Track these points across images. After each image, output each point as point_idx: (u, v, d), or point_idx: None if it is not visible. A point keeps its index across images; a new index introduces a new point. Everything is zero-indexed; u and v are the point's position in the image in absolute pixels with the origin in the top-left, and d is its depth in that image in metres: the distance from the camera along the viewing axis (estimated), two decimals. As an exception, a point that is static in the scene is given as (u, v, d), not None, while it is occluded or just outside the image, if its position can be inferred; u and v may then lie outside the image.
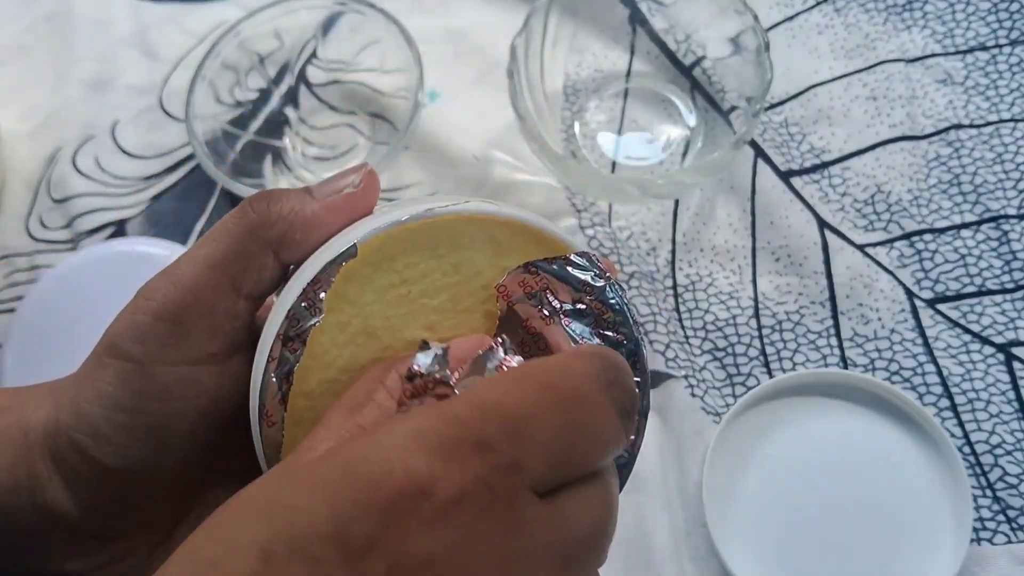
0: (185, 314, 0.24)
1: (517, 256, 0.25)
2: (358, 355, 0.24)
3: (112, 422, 0.24)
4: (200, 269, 0.24)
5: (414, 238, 0.24)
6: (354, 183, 0.26)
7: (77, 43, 0.57)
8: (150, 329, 0.24)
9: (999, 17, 0.52)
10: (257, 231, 0.24)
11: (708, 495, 0.41)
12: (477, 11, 0.56)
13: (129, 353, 0.24)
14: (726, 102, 0.49)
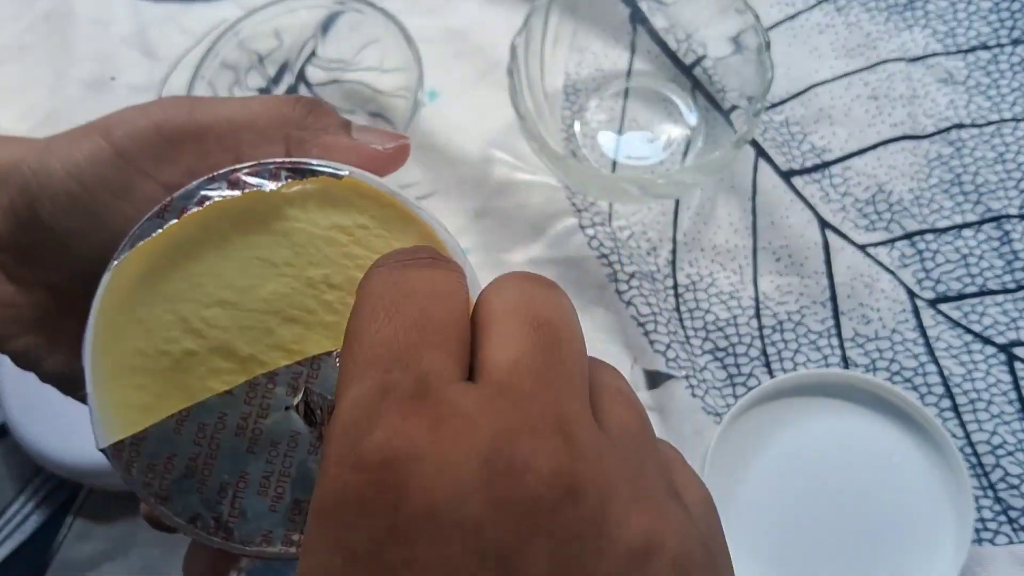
0: (182, 141, 0.24)
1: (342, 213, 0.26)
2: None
3: (65, 185, 0.24)
4: (220, 117, 0.25)
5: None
6: (385, 145, 0.27)
7: (76, 42, 0.57)
8: (145, 134, 0.24)
9: (1001, 16, 0.52)
10: (287, 123, 0.25)
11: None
12: (477, 10, 0.56)
13: (116, 141, 0.24)
14: (727, 101, 0.49)
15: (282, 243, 0.25)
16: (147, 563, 0.44)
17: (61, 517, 0.45)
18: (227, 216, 0.25)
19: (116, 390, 0.24)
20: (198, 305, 0.25)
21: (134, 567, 0.44)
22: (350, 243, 0.25)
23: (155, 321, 0.25)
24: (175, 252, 0.25)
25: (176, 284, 0.25)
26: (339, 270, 0.25)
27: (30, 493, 0.46)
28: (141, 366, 0.24)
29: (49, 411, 0.43)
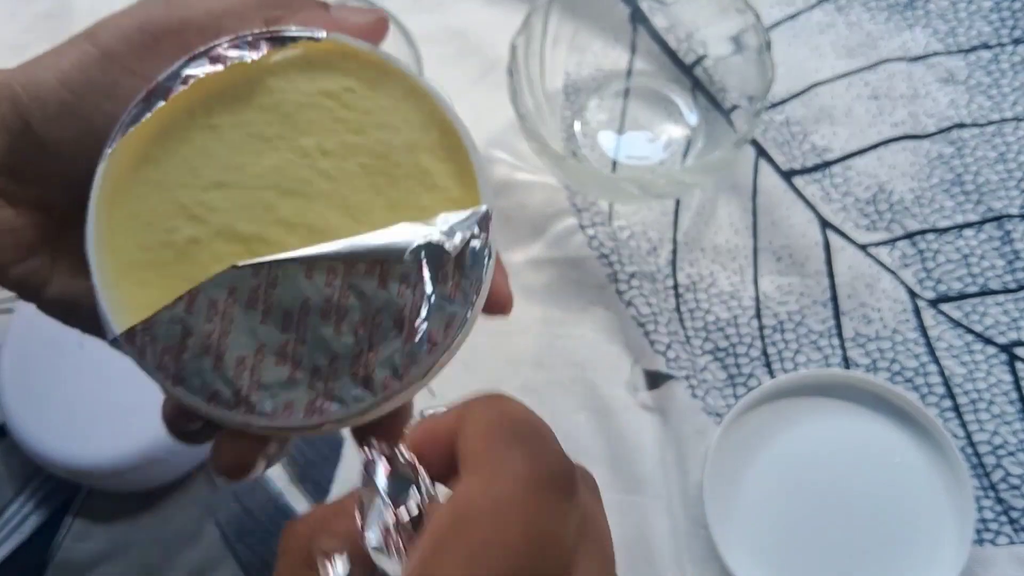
0: (164, 36, 0.25)
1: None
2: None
3: (56, 94, 0.24)
4: (198, 8, 0.26)
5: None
6: (364, 21, 0.27)
7: (76, 42, 0.57)
8: (128, 33, 0.25)
9: (1001, 16, 0.52)
10: (264, 5, 0.26)
11: (709, 496, 0.40)
12: (477, 10, 0.56)
13: (102, 43, 0.25)
14: (727, 101, 0.49)
15: (271, 116, 0.25)
16: (146, 563, 0.44)
17: (60, 517, 0.45)
18: (212, 93, 0.25)
19: (123, 286, 0.24)
20: (195, 189, 0.25)
21: (133, 567, 0.44)
22: (338, 107, 0.26)
23: (154, 212, 0.24)
24: (165, 136, 0.25)
25: (170, 170, 0.25)
26: (330, 135, 0.25)
27: (29, 493, 0.46)
28: (146, 260, 0.24)
29: (48, 411, 0.43)
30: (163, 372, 0.23)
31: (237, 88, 0.25)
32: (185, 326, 0.23)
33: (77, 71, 0.25)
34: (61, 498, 0.45)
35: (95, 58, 0.25)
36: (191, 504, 0.45)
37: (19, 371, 0.44)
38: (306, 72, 0.26)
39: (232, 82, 0.25)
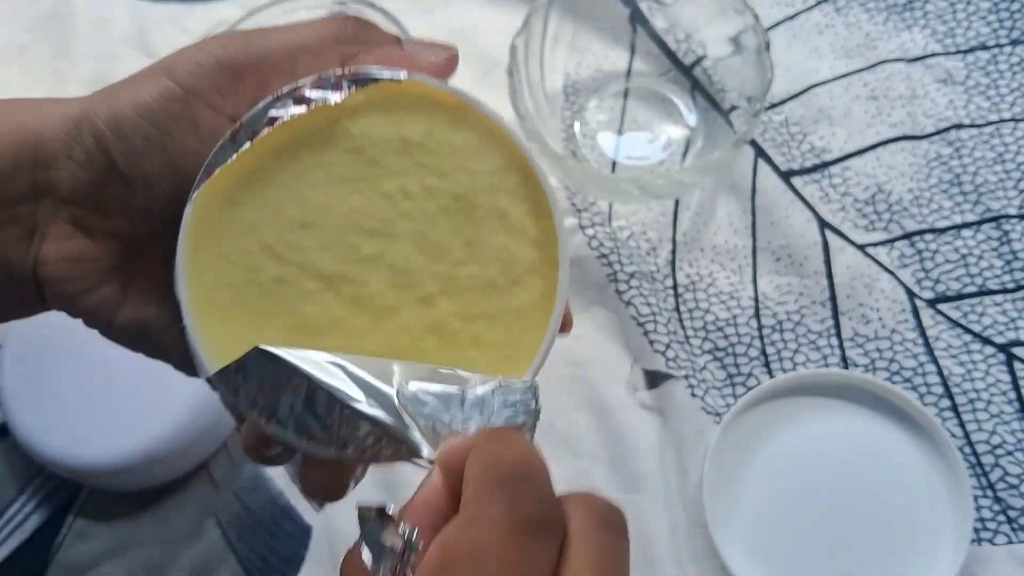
0: (243, 72, 0.25)
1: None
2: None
3: (139, 129, 0.25)
4: (274, 45, 0.26)
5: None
6: (438, 56, 0.28)
7: (76, 43, 0.57)
8: (207, 69, 0.25)
9: (1000, 17, 0.52)
10: (340, 40, 0.27)
11: (708, 495, 0.41)
12: (477, 10, 0.56)
13: (181, 79, 0.25)
14: (726, 102, 0.49)
15: (354, 158, 0.26)
16: (147, 563, 0.44)
17: (62, 517, 0.45)
18: (297, 135, 0.26)
19: (213, 325, 0.25)
20: (280, 230, 0.25)
21: (134, 567, 0.44)
22: (419, 151, 0.26)
23: (241, 252, 0.25)
24: (250, 178, 0.26)
25: (256, 211, 0.26)
26: (412, 178, 0.26)
27: (31, 493, 0.46)
28: (234, 299, 0.25)
29: (50, 411, 0.43)
30: (257, 409, 0.24)
31: (321, 130, 0.26)
32: (276, 365, 0.24)
33: (159, 106, 0.25)
34: (63, 497, 0.46)
35: (176, 94, 0.25)
36: (192, 503, 0.45)
37: (21, 371, 0.44)
38: (388, 114, 0.26)
39: (316, 124, 0.26)
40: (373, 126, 0.26)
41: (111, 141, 0.25)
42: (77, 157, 0.25)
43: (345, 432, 0.23)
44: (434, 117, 0.27)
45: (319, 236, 0.26)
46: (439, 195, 0.26)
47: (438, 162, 0.26)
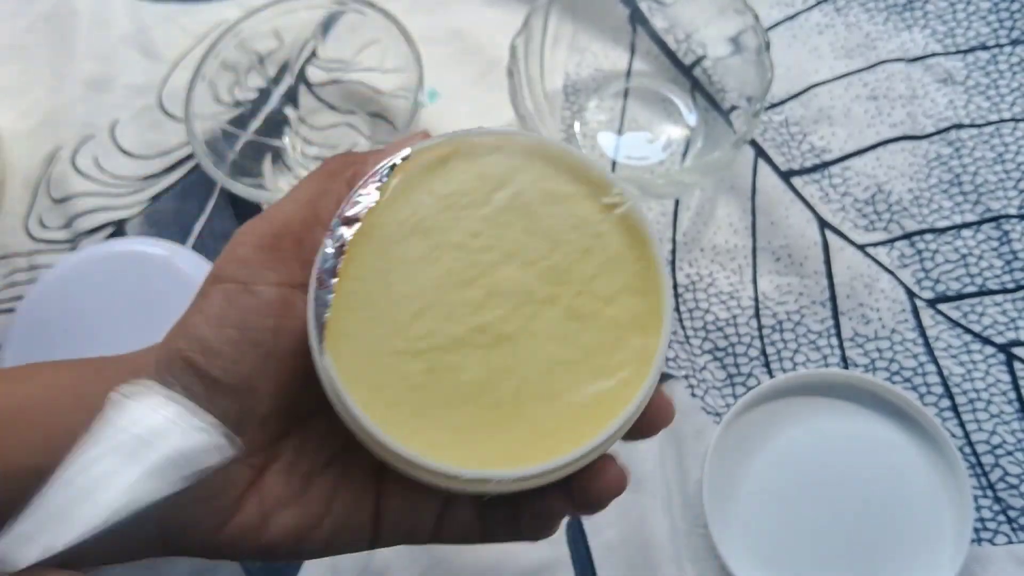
0: (279, 243, 0.27)
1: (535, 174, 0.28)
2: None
3: (221, 337, 0.25)
4: (290, 207, 0.28)
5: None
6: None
7: (76, 42, 0.57)
8: (251, 256, 0.26)
9: (1000, 16, 0.52)
10: (336, 173, 0.28)
11: (708, 495, 0.41)
12: (477, 10, 0.56)
13: (233, 276, 0.26)
14: (726, 102, 0.49)
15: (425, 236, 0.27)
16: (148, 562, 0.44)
17: (61, 517, 0.45)
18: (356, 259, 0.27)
19: (408, 441, 0.25)
20: (399, 330, 0.27)
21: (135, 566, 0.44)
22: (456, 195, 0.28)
23: (385, 372, 0.26)
24: (352, 303, 0.27)
25: (372, 327, 0.26)
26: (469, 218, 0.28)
27: (31, 493, 0.46)
28: (405, 412, 0.26)
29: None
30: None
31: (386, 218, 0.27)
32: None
33: (227, 308, 0.26)
34: (62, 497, 0.46)
35: (235, 290, 0.26)
36: (192, 503, 0.45)
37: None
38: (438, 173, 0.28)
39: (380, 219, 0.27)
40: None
41: (200, 360, 0.25)
42: (176, 389, 0.25)
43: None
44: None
45: (434, 313, 0.26)
46: (504, 213, 0.28)
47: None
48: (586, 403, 0.26)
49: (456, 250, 0.27)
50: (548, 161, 0.28)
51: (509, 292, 0.27)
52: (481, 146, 0.28)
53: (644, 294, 0.27)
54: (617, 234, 0.28)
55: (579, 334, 0.27)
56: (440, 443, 0.25)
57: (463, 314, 0.27)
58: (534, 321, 0.27)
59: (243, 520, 0.26)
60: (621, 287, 0.27)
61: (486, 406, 0.26)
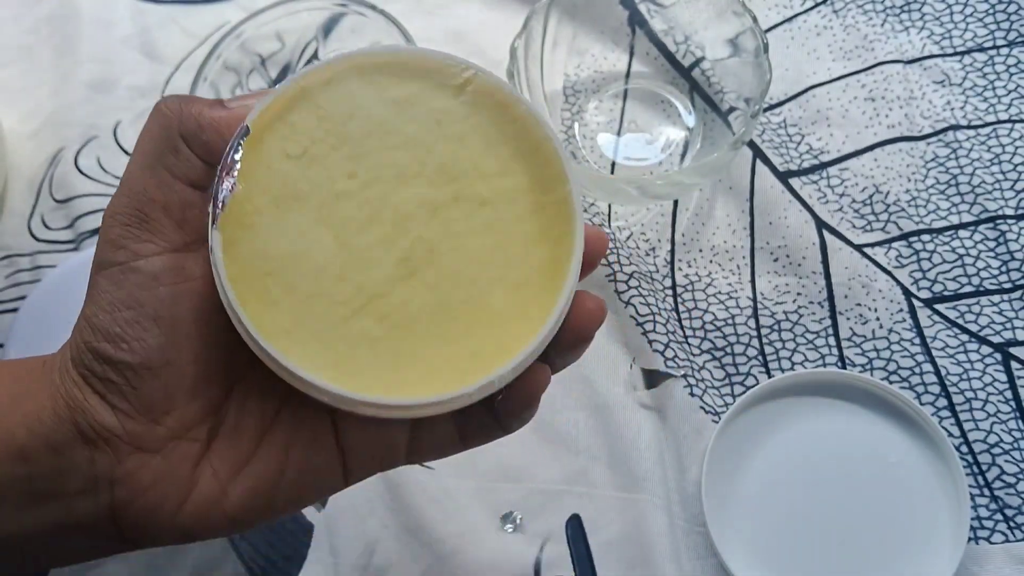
0: (145, 211, 0.26)
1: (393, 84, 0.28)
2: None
3: (119, 320, 0.25)
4: (140, 172, 0.27)
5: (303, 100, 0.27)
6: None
7: (79, 44, 0.57)
8: (122, 234, 0.26)
9: (997, 19, 0.52)
10: (172, 126, 0.26)
11: (707, 494, 0.41)
12: (477, 12, 0.56)
13: (112, 260, 0.26)
14: (725, 103, 0.50)
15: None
16: (149, 561, 0.44)
17: (64, 515, 0.45)
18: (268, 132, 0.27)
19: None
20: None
21: (137, 566, 0.44)
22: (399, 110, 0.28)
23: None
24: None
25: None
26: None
27: (33, 491, 0.46)
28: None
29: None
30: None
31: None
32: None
33: (116, 292, 0.26)
34: (65, 496, 0.46)
35: (118, 273, 0.26)
36: (194, 502, 0.45)
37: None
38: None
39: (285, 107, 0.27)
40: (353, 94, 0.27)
41: (108, 349, 0.25)
42: (98, 389, 0.25)
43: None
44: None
45: (353, 268, 0.26)
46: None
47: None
48: (506, 314, 0.26)
49: (341, 199, 0.27)
50: (380, 70, 0.27)
51: (412, 212, 0.27)
52: (311, 86, 0.27)
53: (534, 153, 0.27)
54: (481, 109, 0.27)
55: (493, 226, 0.27)
56: (349, 369, 0.25)
57: (379, 253, 0.26)
58: (449, 224, 0.27)
59: (201, 495, 0.26)
60: (510, 155, 0.27)
61: (436, 333, 0.26)
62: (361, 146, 0.27)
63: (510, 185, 0.27)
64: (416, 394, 0.25)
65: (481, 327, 0.26)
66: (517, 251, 0.27)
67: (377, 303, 0.26)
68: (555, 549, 0.42)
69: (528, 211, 0.27)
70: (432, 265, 0.26)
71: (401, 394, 0.25)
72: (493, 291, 0.26)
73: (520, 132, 0.27)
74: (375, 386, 0.25)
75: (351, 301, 0.26)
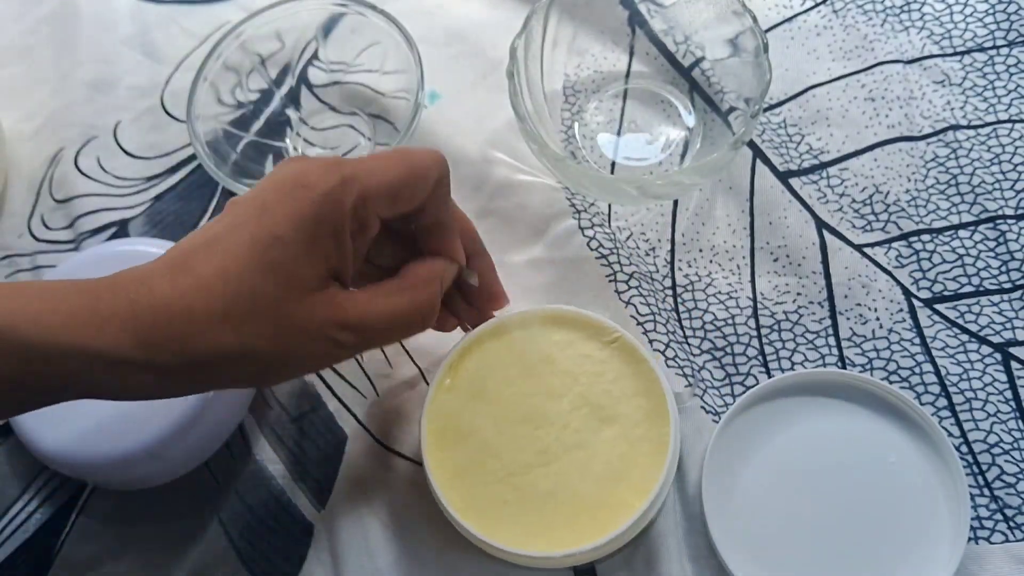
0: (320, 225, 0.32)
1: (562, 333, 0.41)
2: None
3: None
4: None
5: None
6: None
7: (79, 44, 0.57)
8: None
9: (996, 19, 0.52)
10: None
11: (707, 494, 0.41)
12: (477, 13, 0.56)
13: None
14: (725, 103, 0.50)
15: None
16: (150, 561, 0.44)
17: (65, 515, 0.45)
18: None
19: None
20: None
21: (137, 565, 0.44)
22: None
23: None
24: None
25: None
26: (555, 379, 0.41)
27: (34, 491, 0.46)
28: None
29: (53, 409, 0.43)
30: None
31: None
32: None
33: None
34: (65, 496, 0.46)
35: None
36: (195, 502, 0.45)
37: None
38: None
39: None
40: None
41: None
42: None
43: None
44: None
45: (505, 449, 0.39)
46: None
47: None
48: (613, 500, 0.38)
49: (507, 403, 0.39)
50: (555, 320, 0.41)
51: (555, 419, 0.39)
52: (506, 325, 0.41)
53: (648, 395, 0.39)
54: (617, 359, 0.40)
55: (609, 439, 0.39)
56: (533, 537, 0.37)
57: (525, 444, 0.39)
58: (577, 433, 0.39)
59: (325, 297, 0.31)
60: (631, 393, 0.39)
61: (556, 507, 0.38)
62: (531, 368, 0.40)
63: (629, 412, 0.39)
64: (524, 547, 0.37)
65: (582, 511, 0.38)
66: (623, 460, 0.38)
67: (514, 480, 0.38)
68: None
69: (636, 436, 0.39)
70: (560, 460, 0.38)
71: (518, 546, 0.37)
72: (599, 485, 0.38)
73: (646, 380, 0.40)
74: (500, 535, 0.37)
75: (497, 474, 0.38)
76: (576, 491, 0.38)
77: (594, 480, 0.38)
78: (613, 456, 0.38)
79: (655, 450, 0.38)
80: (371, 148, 0.52)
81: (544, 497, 0.38)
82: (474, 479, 0.38)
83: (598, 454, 0.38)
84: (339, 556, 0.43)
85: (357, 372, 0.47)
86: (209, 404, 0.43)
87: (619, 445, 0.38)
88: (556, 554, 0.36)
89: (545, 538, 0.37)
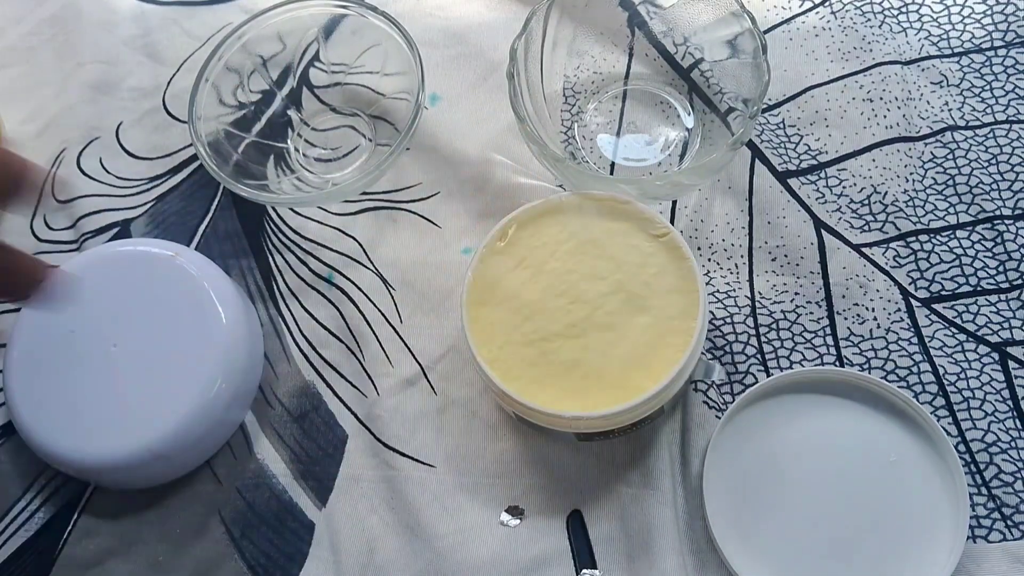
0: None
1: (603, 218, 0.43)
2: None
3: None
4: None
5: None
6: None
7: (81, 45, 0.57)
8: None
9: (994, 20, 0.52)
10: None
11: (708, 489, 0.41)
12: (478, 14, 0.56)
13: None
14: (724, 104, 0.50)
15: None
16: (152, 560, 0.44)
17: (67, 515, 0.46)
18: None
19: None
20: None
21: (139, 564, 0.44)
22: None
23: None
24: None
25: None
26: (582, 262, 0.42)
27: (36, 490, 0.46)
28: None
29: (55, 409, 0.43)
30: None
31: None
32: None
33: None
34: (68, 495, 0.46)
35: None
36: (196, 501, 0.45)
37: (26, 369, 0.44)
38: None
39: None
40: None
41: None
42: None
43: None
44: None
45: (538, 316, 0.41)
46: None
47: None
48: (631, 384, 0.39)
49: (549, 275, 0.41)
50: (611, 208, 0.42)
51: (590, 299, 0.40)
52: (564, 205, 0.43)
53: (685, 293, 0.40)
54: (663, 253, 0.41)
55: (639, 326, 0.39)
56: (549, 398, 0.39)
57: (559, 316, 0.40)
58: (609, 315, 0.40)
59: None
60: (669, 288, 0.40)
61: (575, 377, 0.39)
62: (577, 249, 0.41)
63: (662, 306, 0.40)
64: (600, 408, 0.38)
65: (598, 386, 0.39)
66: (648, 348, 0.39)
67: (543, 345, 0.40)
68: (555, 543, 0.42)
69: (665, 329, 0.39)
70: (588, 336, 0.39)
71: (530, 399, 0.39)
72: (620, 366, 0.39)
73: (686, 278, 0.40)
74: (517, 387, 0.39)
75: (528, 336, 0.40)
76: (597, 367, 0.39)
77: (617, 361, 0.39)
78: (640, 343, 0.39)
79: (681, 344, 0.39)
80: (372, 149, 0.52)
81: (567, 366, 0.39)
82: (505, 337, 0.40)
83: (626, 338, 0.39)
84: (340, 554, 0.43)
85: (358, 371, 0.47)
86: (211, 403, 0.43)
87: (647, 334, 0.39)
88: (565, 414, 0.38)
89: (558, 400, 0.38)
